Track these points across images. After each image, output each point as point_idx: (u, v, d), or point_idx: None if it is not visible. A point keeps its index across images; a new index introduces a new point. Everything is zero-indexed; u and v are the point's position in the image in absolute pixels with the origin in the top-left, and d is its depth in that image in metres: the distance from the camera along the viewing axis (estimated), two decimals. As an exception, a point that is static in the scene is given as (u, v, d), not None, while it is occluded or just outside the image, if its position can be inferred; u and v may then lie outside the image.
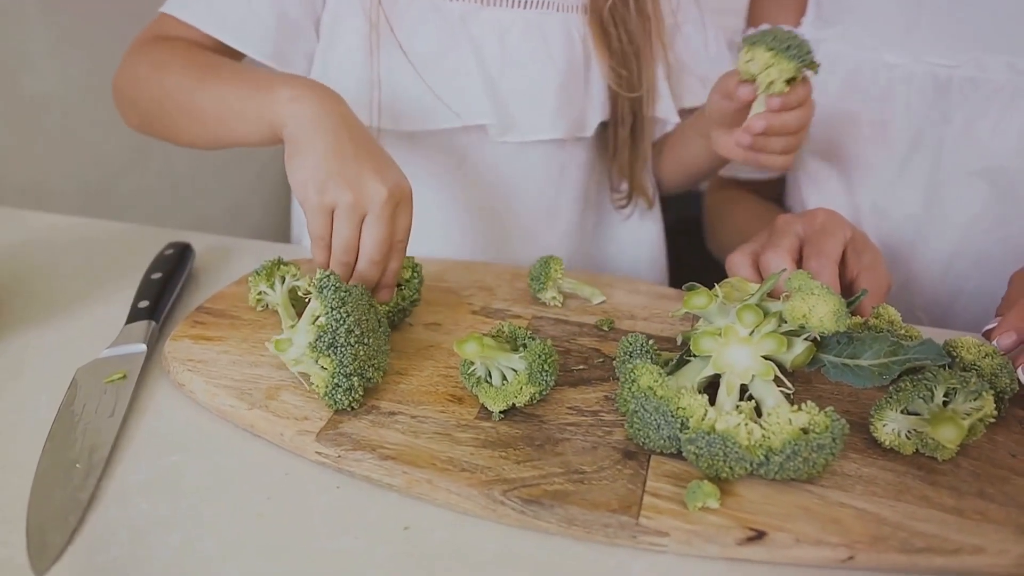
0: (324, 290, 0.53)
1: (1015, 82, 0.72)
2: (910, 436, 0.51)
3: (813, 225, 0.65)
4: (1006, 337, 0.55)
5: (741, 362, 0.51)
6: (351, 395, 0.52)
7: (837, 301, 0.49)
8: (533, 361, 0.52)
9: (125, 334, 0.63)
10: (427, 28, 0.76)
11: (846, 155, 0.81)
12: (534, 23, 0.77)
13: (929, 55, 0.76)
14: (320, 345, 0.52)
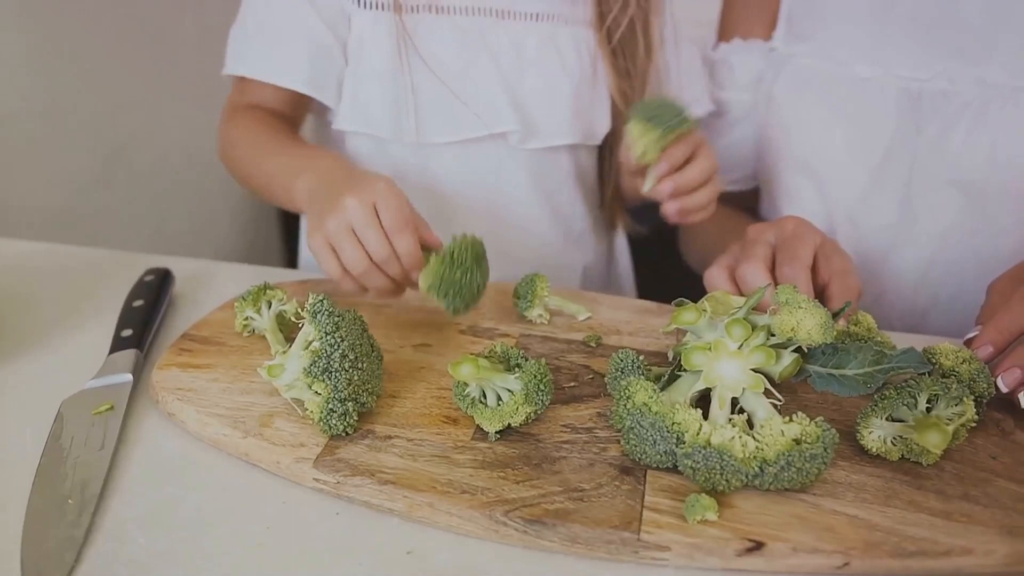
0: (318, 315, 0.53)
1: (984, 95, 0.75)
2: (896, 442, 0.52)
3: (784, 232, 0.67)
4: (983, 350, 0.57)
5: (732, 375, 0.52)
6: (346, 420, 0.53)
7: (823, 313, 0.50)
8: (529, 381, 0.52)
9: (110, 364, 0.63)
10: (448, 44, 0.79)
11: (820, 167, 0.83)
12: (547, 34, 0.80)
13: (900, 69, 0.78)
14: (314, 370, 0.52)
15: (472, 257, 0.62)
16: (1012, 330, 0.57)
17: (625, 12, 0.79)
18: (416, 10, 0.77)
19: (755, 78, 0.88)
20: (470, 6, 0.78)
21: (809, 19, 0.84)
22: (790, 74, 0.84)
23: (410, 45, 0.76)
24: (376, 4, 0.77)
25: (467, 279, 0.62)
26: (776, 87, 0.85)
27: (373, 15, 0.78)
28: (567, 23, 0.80)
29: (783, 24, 0.86)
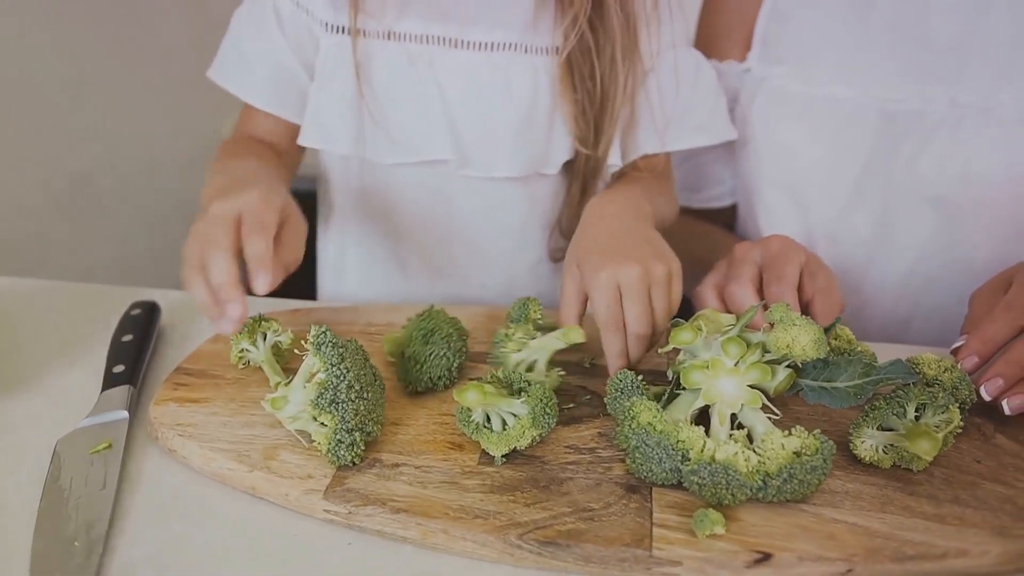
0: (322, 347, 0.54)
1: (957, 115, 0.78)
2: (887, 451, 0.54)
3: (770, 251, 0.69)
4: (968, 360, 0.60)
5: (730, 392, 0.54)
6: (353, 450, 0.53)
7: (817, 330, 0.52)
8: (536, 405, 0.53)
9: (104, 401, 0.62)
10: (396, 70, 0.79)
11: (799, 184, 0.86)
12: (501, 66, 0.79)
13: (875, 90, 0.81)
14: (322, 403, 0.52)
15: (429, 332, 0.62)
16: (996, 340, 0.60)
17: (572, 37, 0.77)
18: (373, 36, 0.78)
19: (731, 98, 0.90)
20: (422, 34, 0.78)
21: (785, 41, 0.86)
22: (767, 95, 0.86)
23: (358, 70, 0.78)
24: (342, 29, 0.78)
25: (424, 355, 0.62)
26: (753, 107, 0.87)
27: (339, 39, 0.78)
28: (526, 52, 0.79)
29: (758, 46, 0.88)
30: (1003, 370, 0.58)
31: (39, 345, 0.72)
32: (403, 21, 0.78)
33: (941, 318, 0.86)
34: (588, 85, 0.79)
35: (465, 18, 0.78)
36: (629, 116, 0.83)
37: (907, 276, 0.85)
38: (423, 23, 0.78)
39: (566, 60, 0.78)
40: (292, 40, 0.80)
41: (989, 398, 0.59)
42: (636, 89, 0.81)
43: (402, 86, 0.78)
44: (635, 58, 0.80)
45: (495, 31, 0.78)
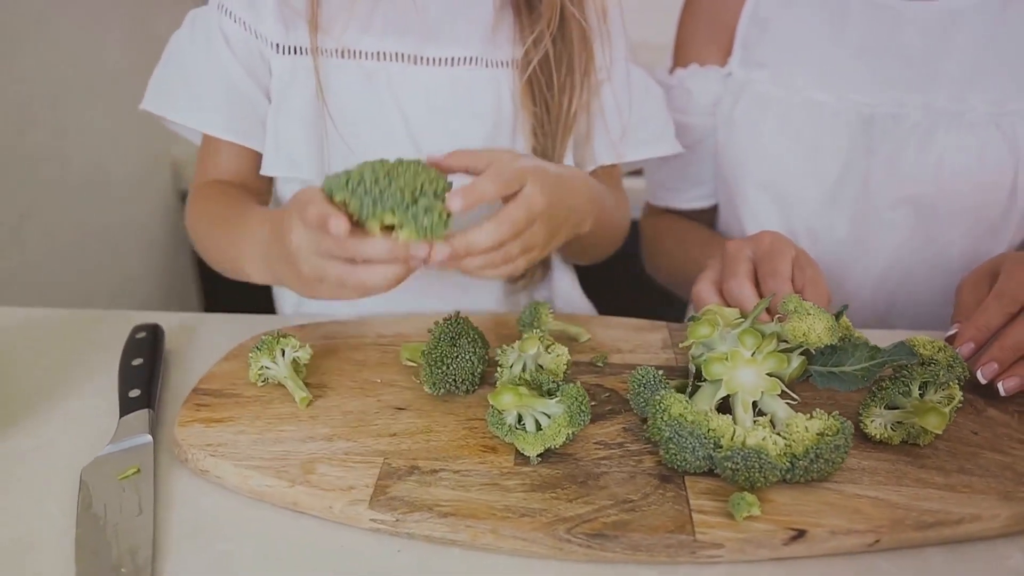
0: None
1: (930, 118, 0.83)
2: (895, 428, 0.58)
3: (762, 247, 0.72)
4: (966, 347, 0.64)
5: (750, 381, 0.57)
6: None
7: (829, 318, 0.56)
8: (571, 404, 0.55)
9: (125, 427, 0.61)
10: (355, 89, 0.78)
11: (781, 185, 0.90)
12: (462, 81, 0.79)
13: (852, 94, 0.85)
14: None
15: (455, 336, 0.63)
16: (990, 327, 0.64)
17: (537, 49, 0.78)
18: (329, 54, 0.77)
19: (713, 102, 0.93)
20: (379, 51, 0.77)
21: (765, 47, 0.90)
22: (749, 98, 0.90)
23: (320, 90, 0.76)
24: (293, 49, 0.77)
25: (451, 357, 0.62)
26: (736, 111, 0.91)
27: (291, 60, 0.77)
28: (487, 65, 0.80)
29: (739, 51, 0.92)
30: (997, 355, 0.63)
31: (41, 374, 0.71)
32: (360, 38, 0.77)
33: (918, 311, 0.91)
34: (547, 96, 0.80)
35: (423, 34, 0.78)
36: (585, 127, 0.84)
37: (886, 271, 0.89)
38: (379, 40, 0.77)
39: (524, 71, 0.79)
40: (245, 64, 0.78)
41: (985, 381, 0.63)
42: (591, 100, 0.83)
43: (361, 105, 0.78)
44: (590, 70, 0.82)
45: (454, 46, 0.79)
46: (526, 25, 0.79)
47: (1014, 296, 0.64)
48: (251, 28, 0.77)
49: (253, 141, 0.79)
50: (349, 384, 0.65)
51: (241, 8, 0.76)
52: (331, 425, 0.60)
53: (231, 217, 0.75)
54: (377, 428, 0.60)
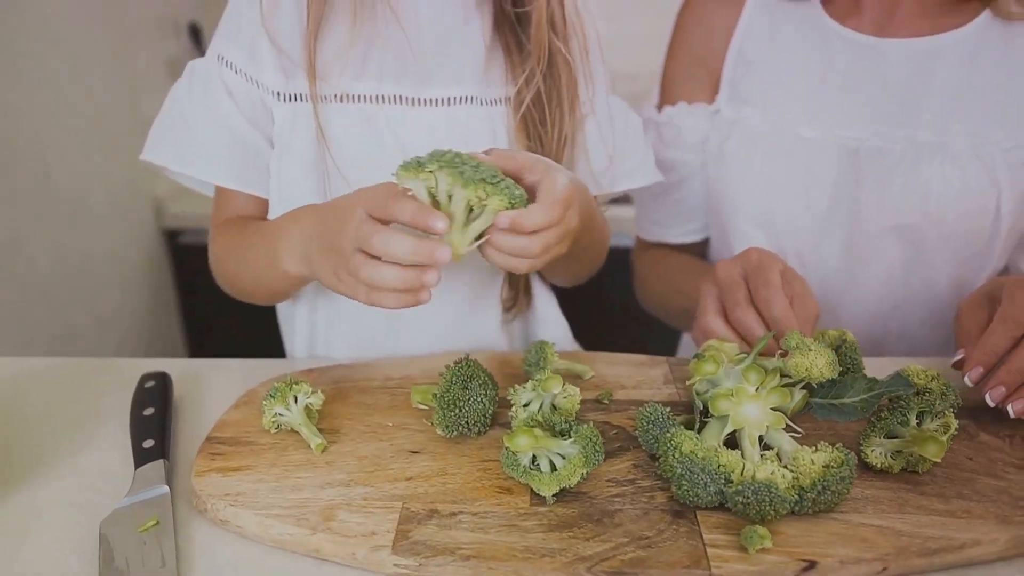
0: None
1: (914, 151, 0.86)
2: (895, 456, 0.60)
3: (751, 263, 0.75)
4: (975, 372, 0.67)
5: (756, 416, 0.59)
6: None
7: (830, 353, 0.58)
8: (586, 444, 0.57)
9: (141, 478, 0.62)
10: (355, 132, 0.80)
11: (772, 216, 0.93)
12: (459, 121, 0.82)
13: (838, 129, 0.89)
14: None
15: (467, 379, 0.65)
16: (997, 351, 0.67)
17: (530, 87, 0.80)
18: (329, 99, 0.79)
19: (702, 138, 0.96)
20: (378, 94, 0.80)
21: (752, 85, 0.93)
22: (739, 135, 0.93)
23: (320, 135, 0.78)
24: (294, 96, 0.79)
25: (463, 400, 0.64)
26: (727, 146, 0.94)
27: (292, 107, 0.79)
28: (482, 104, 0.83)
29: (726, 89, 0.95)
30: (1005, 378, 0.65)
31: (54, 425, 0.71)
32: (358, 83, 0.79)
33: (910, 337, 0.93)
34: (540, 131, 0.83)
35: (419, 76, 0.80)
36: (570, 162, 0.87)
37: (877, 299, 0.92)
38: (377, 83, 0.79)
39: (517, 107, 0.82)
40: (248, 114, 0.80)
41: (993, 404, 0.66)
42: (575, 134, 0.86)
43: (363, 147, 0.80)
44: (576, 104, 0.85)
45: (449, 86, 0.81)
46: (517, 64, 0.82)
47: (1018, 320, 0.67)
48: (252, 78, 0.79)
49: (258, 188, 0.81)
50: (361, 428, 0.67)
51: (241, 60, 0.78)
52: (347, 471, 0.61)
53: (260, 228, 0.79)
54: (393, 472, 0.61)
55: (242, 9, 0.79)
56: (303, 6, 0.77)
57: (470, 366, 0.65)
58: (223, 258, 0.84)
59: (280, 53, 0.77)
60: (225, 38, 0.80)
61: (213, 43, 0.81)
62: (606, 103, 0.89)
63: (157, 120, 0.82)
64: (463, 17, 0.81)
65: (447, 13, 0.81)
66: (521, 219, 0.60)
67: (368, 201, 0.62)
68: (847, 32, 0.90)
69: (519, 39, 0.81)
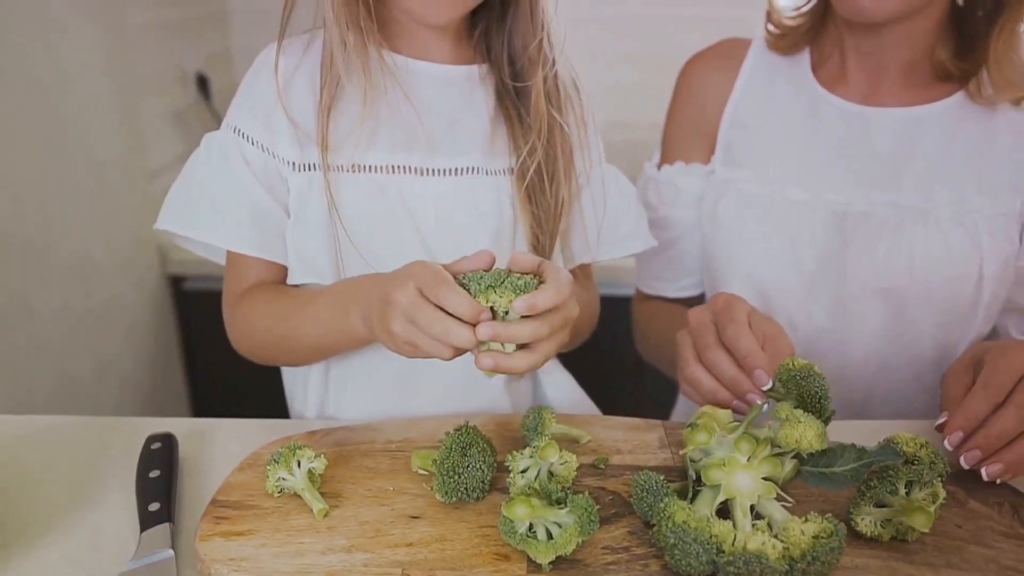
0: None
1: (899, 215, 0.89)
2: (884, 525, 0.61)
3: (717, 306, 0.77)
4: (955, 436, 0.68)
5: (747, 486, 0.60)
6: None
7: (819, 425, 0.60)
8: (581, 514, 0.58)
9: (147, 542, 0.63)
10: (366, 201, 0.83)
11: (761, 276, 0.95)
12: (466, 190, 0.85)
13: (826, 193, 0.92)
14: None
15: (466, 446, 0.66)
16: (978, 416, 0.68)
17: (532, 157, 0.85)
18: (340, 169, 0.82)
19: (698, 197, 1.00)
20: (389, 164, 0.83)
21: (745, 148, 0.97)
22: (732, 196, 0.96)
23: (331, 204, 0.81)
24: (308, 166, 0.82)
25: (462, 467, 0.65)
26: (719, 207, 0.97)
27: (307, 176, 0.82)
28: (487, 174, 0.86)
29: (721, 151, 0.99)
30: (981, 442, 0.67)
31: (59, 486, 0.72)
32: (369, 153, 0.82)
33: (895, 399, 0.95)
34: (540, 197, 0.87)
35: (428, 147, 0.84)
36: (566, 229, 0.91)
37: (862, 361, 0.94)
38: (389, 154, 0.83)
39: (521, 176, 0.86)
40: (265, 184, 0.83)
41: (967, 466, 0.67)
42: (571, 204, 0.91)
43: (375, 216, 0.83)
44: (572, 174, 0.90)
45: (458, 157, 0.85)
46: (519, 135, 0.86)
47: (999, 386, 0.68)
48: (268, 149, 0.82)
49: (277, 255, 0.84)
50: (363, 493, 0.68)
51: (257, 132, 0.82)
52: (349, 536, 0.62)
53: (307, 295, 0.82)
54: (394, 538, 0.62)
55: (257, 83, 0.83)
56: (316, 83, 0.81)
57: (469, 433, 0.67)
58: (259, 323, 0.85)
59: (295, 126, 0.80)
60: (241, 110, 0.83)
61: (228, 115, 0.84)
62: (600, 174, 0.93)
63: (173, 189, 0.85)
64: (468, 92, 0.85)
65: (453, 89, 0.85)
66: (535, 299, 0.64)
67: (420, 279, 0.66)
68: (835, 99, 0.93)
69: (520, 112, 0.84)
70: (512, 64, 0.85)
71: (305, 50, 0.83)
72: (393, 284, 0.67)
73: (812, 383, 0.67)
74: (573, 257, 0.93)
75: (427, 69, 0.84)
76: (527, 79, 0.84)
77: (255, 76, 0.83)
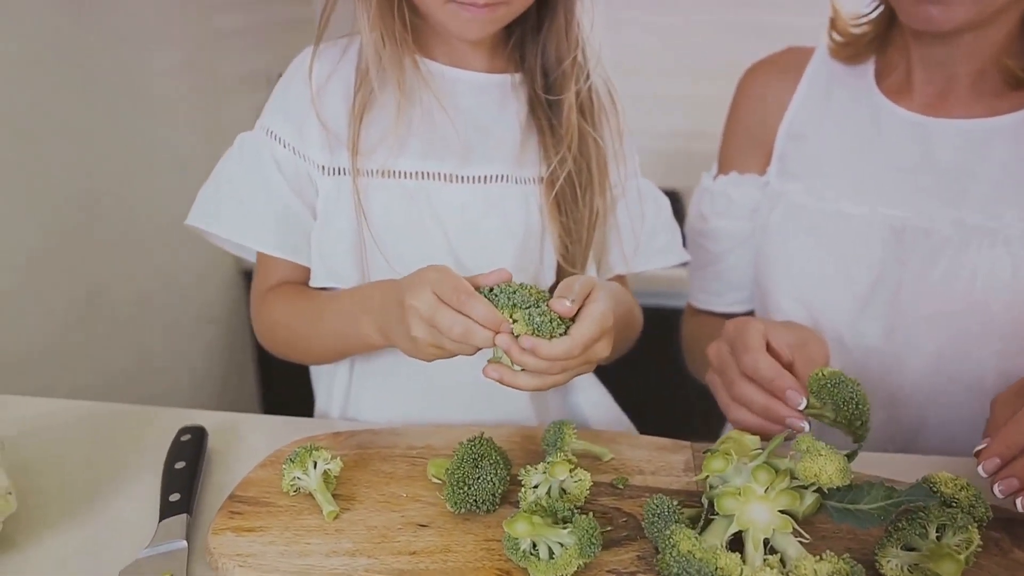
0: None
1: (963, 234, 0.83)
2: (912, 570, 0.57)
3: (729, 335, 0.74)
4: (990, 463, 0.63)
5: (762, 518, 0.57)
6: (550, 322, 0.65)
7: (841, 459, 0.56)
8: (582, 536, 0.56)
9: (163, 531, 0.65)
10: (395, 207, 0.83)
11: (811, 293, 0.91)
12: (494, 198, 0.85)
13: (883, 207, 0.87)
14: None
15: (478, 457, 0.66)
16: (1018, 444, 0.63)
17: (562, 168, 0.84)
18: (370, 174, 0.82)
19: (752, 208, 0.97)
20: (418, 170, 0.83)
21: (800, 160, 0.93)
22: (784, 209, 0.93)
23: (359, 208, 0.82)
24: (338, 170, 0.83)
25: (472, 478, 0.65)
26: (772, 219, 0.93)
27: (336, 180, 0.83)
28: (517, 182, 0.85)
29: (776, 163, 0.95)
30: (1018, 471, 0.62)
31: (88, 470, 0.75)
32: (399, 159, 0.82)
33: (948, 434, 0.89)
34: (571, 207, 0.86)
35: (459, 155, 0.83)
36: (601, 242, 0.90)
37: (915, 387, 0.88)
38: (419, 160, 0.83)
39: (550, 186, 0.85)
40: (294, 186, 0.84)
41: (1001, 496, 0.62)
42: (607, 215, 0.89)
43: (403, 221, 0.83)
44: (606, 185, 0.88)
45: (488, 165, 0.84)
46: (550, 145, 0.86)
47: None
48: (299, 152, 0.83)
49: (301, 257, 0.85)
50: (376, 497, 0.68)
51: (289, 135, 0.83)
52: (355, 540, 0.63)
53: (324, 298, 0.83)
54: (399, 545, 0.62)
55: (291, 87, 0.84)
56: (351, 88, 0.82)
57: (482, 444, 0.66)
58: (280, 321, 0.87)
59: (326, 130, 0.81)
60: (274, 113, 0.85)
61: (262, 117, 0.86)
62: (636, 187, 0.92)
63: (205, 187, 0.87)
64: (501, 100, 0.85)
65: (486, 97, 0.85)
66: (539, 348, 0.64)
67: (438, 285, 0.66)
68: (899, 110, 0.88)
69: (551, 123, 0.84)
70: (545, 76, 0.85)
71: (342, 55, 0.84)
72: (409, 291, 0.67)
73: (844, 390, 0.64)
74: (610, 268, 0.91)
75: (462, 76, 0.85)
76: (560, 92, 0.83)
77: (290, 79, 0.85)
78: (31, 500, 0.70)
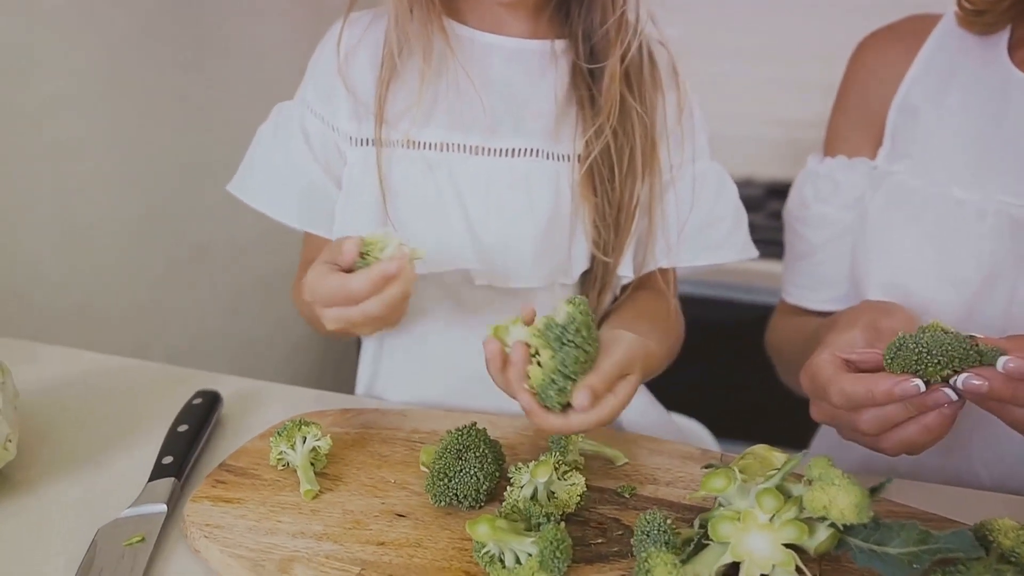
0: (579, 304, 0.59)
1: None
2: (945, 634, 0.48)
3: (807, 386, 0.65)
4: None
5: (761, 551, 0.49)
6: (562, 396, 0.58)
7: (859, 492, 0.48)
8: (545, 548, 0.50)
9: (148, 492, 0.64)
10: (416, 179, 0.79)
11: (909, 288, 0.79)
12: (521, 174, 0.79)
13: (1001, 193, 0.75)
14: (549, 335, 0.57)
15: (463, 449, 0.61)
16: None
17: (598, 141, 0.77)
18: (394, 144, 0.78)
19: (858, 196, 0.85)
20: (442, 141, 0.78)
21: (911, 137, 0.82)
22: (887, 191, 0.81)
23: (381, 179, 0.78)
24: (365, 141, 0.80)
25: (454, 471, 0.60)
26: (873, 204, 0.83)
27: (363, 152, 0.80)
28: (548, 158, 0.79)
29: (887, 142, 0.84)
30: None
31: (105, 425, 0.76)
32: (424, 130, 0.78)
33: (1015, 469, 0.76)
34: (607, 188, 0.79)
35: (488, 127, 0.78)
36: (647, 229, 0.82)
37: None
38: (444, 132, 0.78)
39: (584, 163, 0.78)
40: (321, 159, 0.82)
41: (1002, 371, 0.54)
42: (654, 202, 0.82)
43: (422, 195, 0.79)
44: (654, 168, 0.80)
45: (517, 138, 0.78)
46: (588, 119, 0.79)
47: None
48: (328, 122, 0.81)
49: (324, 230, 0.83)
50: (364, 480, 0.64)
51: (320, 104, 0.81)
52: (327, 523, 0.59)
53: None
54: (369, 534, 0.58)
55: (322, 56, 0.82)
56: (378, 56, 0.78)
57: (470, 435, 0.61)
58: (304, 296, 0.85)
59: (355, 99, 0.79)
60: (309, 82, 0.84)
61: (301, 87, 0.85)
62: (692, 172, 0.83)
63: (245, 158, 0.86)
64: (538, 72, 0.79)
65: (523, 65, 0.79)
66: (533, 415, 0.60)
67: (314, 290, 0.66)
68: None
69: (592, 94, 0.77)
70: (588, 41, 0.77)
71: (371, 22, 0.81)
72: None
73: (914, 341, 0.57)
74: (655, 259, 0.83)
75: (498, 43, 0.79)
76: (602, 59, 0.75)
77: (322, 49, 0.83)
78: (37, 449, 0.71)
